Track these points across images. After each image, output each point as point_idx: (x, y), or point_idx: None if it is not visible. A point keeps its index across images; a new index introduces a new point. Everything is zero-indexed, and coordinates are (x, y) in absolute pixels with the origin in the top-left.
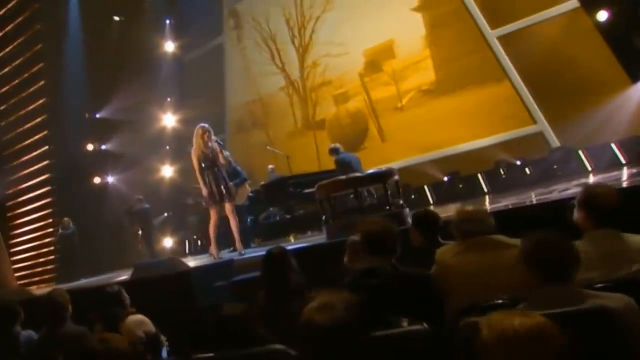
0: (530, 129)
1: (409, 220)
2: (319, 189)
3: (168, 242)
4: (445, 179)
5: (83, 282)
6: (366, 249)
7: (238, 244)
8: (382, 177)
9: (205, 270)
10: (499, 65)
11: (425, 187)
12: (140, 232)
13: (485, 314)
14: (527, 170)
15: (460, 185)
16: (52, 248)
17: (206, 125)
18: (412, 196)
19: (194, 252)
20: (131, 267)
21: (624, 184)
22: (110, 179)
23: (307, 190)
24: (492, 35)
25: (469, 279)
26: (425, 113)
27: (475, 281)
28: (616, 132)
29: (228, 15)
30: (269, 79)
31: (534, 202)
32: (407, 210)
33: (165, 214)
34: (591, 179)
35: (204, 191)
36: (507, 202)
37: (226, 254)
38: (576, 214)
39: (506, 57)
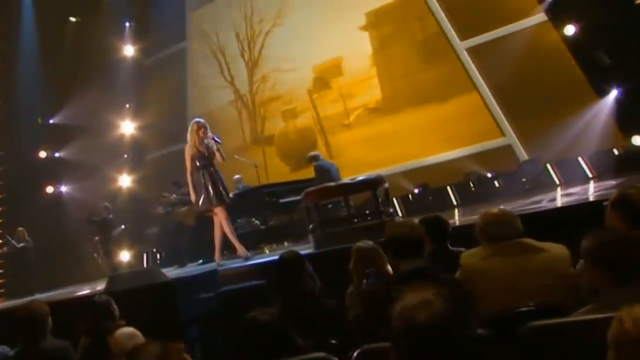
0: (498, 141)
1: None
2: (307, 196)
3: (125, 255)
4: (416, 191)
5: (37, 297)
6: (394, 252)
7: (241, 250)
8: (373, 184)
9: (187, 281)
10: (463, 78)
11: (394, 199)
12: (99, 244)
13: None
14: (496, 183)
15: (430, 198)
16: (2, 261)
17: (202, 120)
18: None
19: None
20: (89, 281)
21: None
22: (63, 189)
23: (283, 200)
24: (462, 46)
25: (497, 283)
26: (372, 130)
27: (504, 286)
28: (584, 146)
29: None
30: (218, 92)
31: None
32: (397, 219)
33: (123, 226)
34: (559, 192)
35: (193, 196)
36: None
37: (197, 267)
38: (609, 215)
39: (475, 69)
